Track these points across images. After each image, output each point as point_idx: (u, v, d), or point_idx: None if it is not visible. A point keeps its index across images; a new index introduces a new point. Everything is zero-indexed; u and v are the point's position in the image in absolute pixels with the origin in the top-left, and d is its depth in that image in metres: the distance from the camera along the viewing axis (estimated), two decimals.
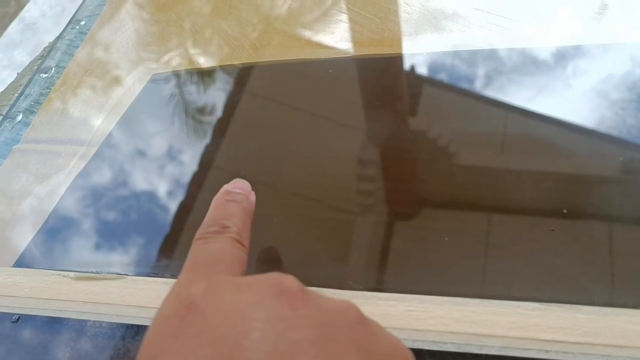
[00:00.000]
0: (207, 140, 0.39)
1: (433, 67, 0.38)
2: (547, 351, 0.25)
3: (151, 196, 0.38)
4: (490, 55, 0.38)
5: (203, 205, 0.35)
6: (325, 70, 0.40)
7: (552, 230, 0.29)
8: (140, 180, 0.39)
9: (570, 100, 0.34)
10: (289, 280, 0.20)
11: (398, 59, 0.39)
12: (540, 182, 0.31)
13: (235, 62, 0.44)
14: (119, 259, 0.34)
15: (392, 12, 0.42)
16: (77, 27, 0.55)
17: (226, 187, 0.29)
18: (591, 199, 0.30)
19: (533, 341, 0.25)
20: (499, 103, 0.35)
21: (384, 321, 0.27)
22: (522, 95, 0.35)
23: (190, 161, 0.38)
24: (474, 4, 0.40)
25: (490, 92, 0.36)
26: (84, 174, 0.40)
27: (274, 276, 0.20)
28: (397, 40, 0.40)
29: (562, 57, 0.36)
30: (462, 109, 0.36)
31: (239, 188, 0.28)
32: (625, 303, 0.25)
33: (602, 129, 0.32)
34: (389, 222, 0.32)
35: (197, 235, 0.25)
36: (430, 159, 0.34)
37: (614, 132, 0.32)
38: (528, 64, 0.36)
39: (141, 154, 0.41)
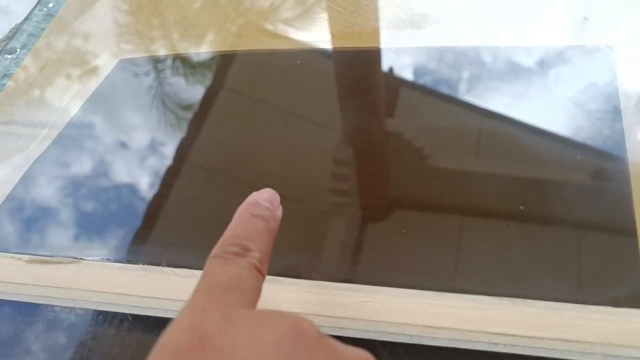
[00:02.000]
0: (172, 128, 0.39)
1: (405, 63, 0.38)
2: (496, 344, 0.25)
3: (110, 181, 0.37)
4: (463, 53, 0.38)
5: (162, 190, 0.35)
6: (293, 61, 0.40)
7: (509, 225, 0.29)
8: (101, 165, 0.38)
9: (543, 105, 0.34)
10: (308, 324, 0.19)
11: (370, 52, 0.39)
12: (505, 182, 0.31)
13: (205, 51, 0.43)
14: (75, 243, 0.34)
15: (364, 7, 0.42)
16: (45, 9, 0.54)
17: (255, 196, 0.26)
18: (550, 199, 0.30)
19: (484, 334, 0.25)
20: (471, 102, 0.35)
21: (340, 311, 0.27)
22: (494, 94, 0.35)
23: (152, 148, 0.38)
24: (446, 2, 0.40)
25: (462, 90, 0.36)
26: (44, 157, 0.39)
27: (292, 317, 0.20)
28: (368, 34, 0.40)
29: (537, 60, 0.37)
30: (431, 105, 0.36)
31: (267, 200, 0.26)
32: (575, 299, 0.26)
33: (574, 135, 0.33)
34: (361, 218, 0.32)
35: (214, 252, 0.23)
36: (400, 152, 0.34)
37: (583, 139, 0.32)
38: (501, 65, 0.37)
39: (104, 138, 0.40)
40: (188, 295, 0.20)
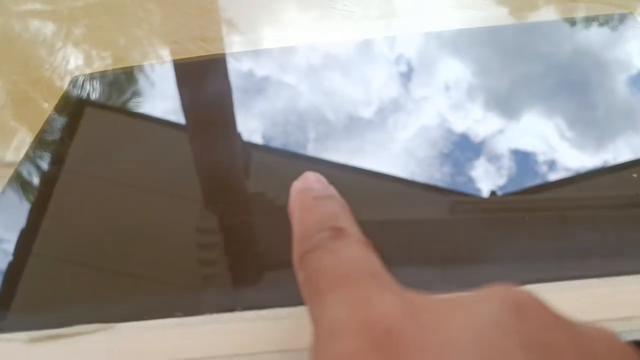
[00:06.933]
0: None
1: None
2: None
3: None
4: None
5: None
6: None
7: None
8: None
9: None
10: (524, 293, 0.14)
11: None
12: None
13: None
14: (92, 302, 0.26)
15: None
16: None
17: (302, 184, 0.21)
18: (419, 240, 0.30)
19: None
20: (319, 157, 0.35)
21: None
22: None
23: None
24: None
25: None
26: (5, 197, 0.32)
27: (497, 287, 0.15)
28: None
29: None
30: (286, 163, 0.36)
31: (317, 182, 0.21)
32: None
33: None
34: (233, 286, 0.29)
35: (301, 249, 0.18)
36: (264, 213, 0.32)
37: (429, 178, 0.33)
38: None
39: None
40: None
